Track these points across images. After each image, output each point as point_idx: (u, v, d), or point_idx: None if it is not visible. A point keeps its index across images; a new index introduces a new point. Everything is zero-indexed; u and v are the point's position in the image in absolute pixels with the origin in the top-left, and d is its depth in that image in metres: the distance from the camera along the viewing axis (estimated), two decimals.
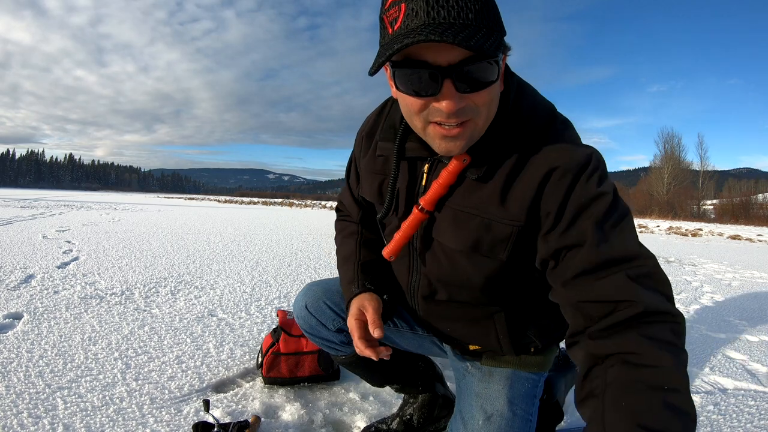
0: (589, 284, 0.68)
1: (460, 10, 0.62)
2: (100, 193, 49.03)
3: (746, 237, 11.73)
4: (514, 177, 0.75)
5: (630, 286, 0.65)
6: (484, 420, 0.90)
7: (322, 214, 15.47)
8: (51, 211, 9.57)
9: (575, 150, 0.74)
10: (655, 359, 0.59)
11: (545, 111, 0.80)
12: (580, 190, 0.71)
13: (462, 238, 0.80)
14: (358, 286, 0.95)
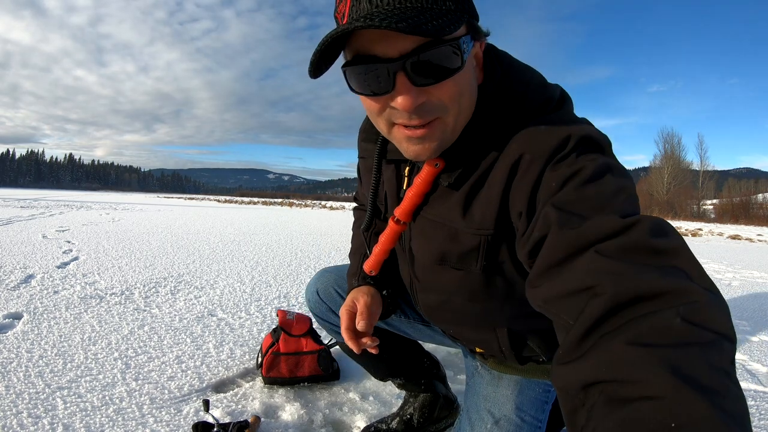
0: (555, 277, 0.48)
1: None
2: (100, 193, 49.05)
3: (746, 237, 11.73)
4: (483, 180, 0.65)
5: (603, 264, 0.44)
6: (492, 424, 0.89)
7: (322, 214, 15.47)
8: (51, 211, 9.57)
9: (551, 130, 0.60)
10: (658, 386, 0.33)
11: (535, 99, 0.67)
12: (550, 175, 0.56)
13: (429, 250, 0.75)
14: (359, 279, 0.95)
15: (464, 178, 0.68)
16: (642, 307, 0.39)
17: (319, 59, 0.55)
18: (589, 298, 0.42)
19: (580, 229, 0.48)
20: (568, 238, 0.48)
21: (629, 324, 0.38)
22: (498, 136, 0.65)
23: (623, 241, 0.45)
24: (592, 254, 0.45)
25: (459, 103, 0.61)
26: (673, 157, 39.40)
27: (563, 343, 0.42)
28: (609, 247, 0.45)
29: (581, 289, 0.44)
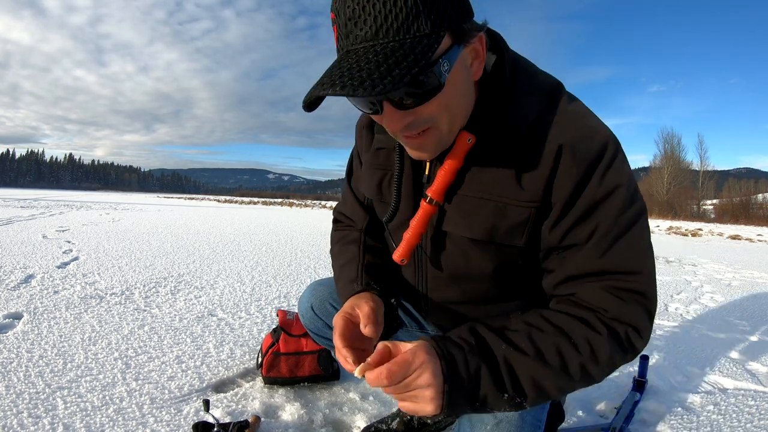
0: (577, 286, 0.70)
1: (382, 22, 0.56)
2: (100, 193, 49.05)
3: (746, 237, 11.73)
4: (526, 155, 0.69)
5: (610, 300, 0.66)
6: (493, 425, 0.89)
7: (322, 214, 15.47)
8: (51, 211, 9.57)
9: (590, 130, 0.68)
10: (598, 339, 0.65)
11: (548, 82, 0.73)
12: (595, 185, 0.66)
13: (477, 226, 0.73)
14: (361, 283, 0.85)
15: (500, 152, 0.70)
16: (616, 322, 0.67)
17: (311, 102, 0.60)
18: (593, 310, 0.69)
19: (608, 264, 0.68)
20: (597, 265, 0.68)
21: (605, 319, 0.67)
22: (524, 117, 0.69)
23: (631, 287, 0.67)
24: (606, 287, 0.67)
25: (448, 112, 0.65)
26: (673, 157, 39.39)
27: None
28: (621, 285, 0.67)
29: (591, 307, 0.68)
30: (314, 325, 1.10)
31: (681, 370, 1.86)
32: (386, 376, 0.59)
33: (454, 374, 0.61)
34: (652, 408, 1.52)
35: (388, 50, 0.56)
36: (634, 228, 0.68)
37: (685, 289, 3.74)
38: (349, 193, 1.02)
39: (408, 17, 0.56)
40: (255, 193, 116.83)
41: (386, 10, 0.55)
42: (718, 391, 1.67)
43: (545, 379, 0.64)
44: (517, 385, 0.63)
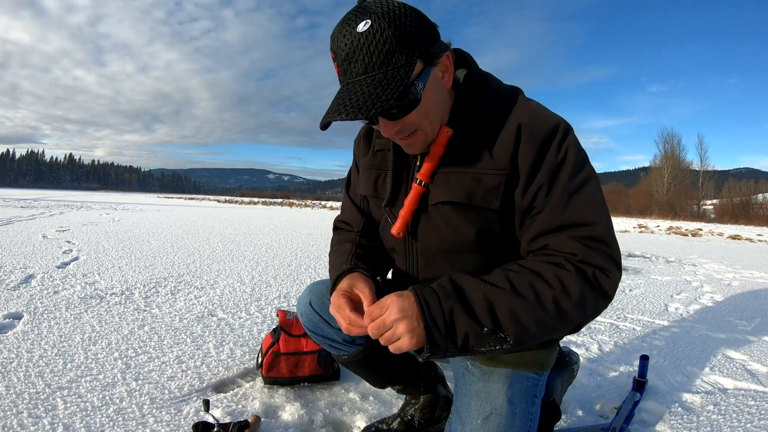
0: (546, 239, 0.81)
1: (369, 60, 0.74)
2: (100, 193, 49.04)
3: (746, 237, 11.73)
4: (494, 136, 0.84)
5: (577, 245, 0.78)
6: (483, 419, 0.90)
7: (322, 214, 15.48)
8: (51, 211, 9.58)
9: (544, 114, 0.84)
10: (567, 275, 0.75)
11: (509, 86, 0.91)
12: (552, 154, 0.81)
13: (458, 191, 0.86)
14: (350, 263, 0.96)
15: (473, 137, 0.86)
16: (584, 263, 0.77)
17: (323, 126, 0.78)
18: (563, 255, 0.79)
19: (568, 218, 0.80)
20: (559, 220, 0.80)
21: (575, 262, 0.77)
22: (491, 110, 0.86)
23: (591, 234, 0.79)
24: (570, 238, 0.79)
25: (428, 118, 0.82)
26: (673, 157, 39.37)
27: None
28: (582, 234, 0.79)
29: (560, 252, 0.80)
30: (312, 322, 1.10)
31: (681, 370, 1.86)
32: (367, 315, 0.77)
33: (430, 316, 0.72)
34: (652, 408, 1.52)
35: (375, 81, 0.74)
36: (587, 186, 0.81)
37: (685, 289, 3.74)
38: (348, 201, 1.15)
39: (387, 54, 0.74)
40: (255, 193, 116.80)
41: (371, 51, 0.73)
42: (718, 391, 1.67)
43: (522, 311, 0.73)
44: (495, 318, 0.73)
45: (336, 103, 0.76)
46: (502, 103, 0.87)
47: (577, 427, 1.39)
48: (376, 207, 1.02)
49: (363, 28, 0.73)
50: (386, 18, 0.74)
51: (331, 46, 0.79)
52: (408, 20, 0.76)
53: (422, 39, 0.76)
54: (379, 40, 0.73)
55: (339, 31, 0.76)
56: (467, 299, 0.74)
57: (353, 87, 0.75)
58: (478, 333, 0.72)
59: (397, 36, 0.74)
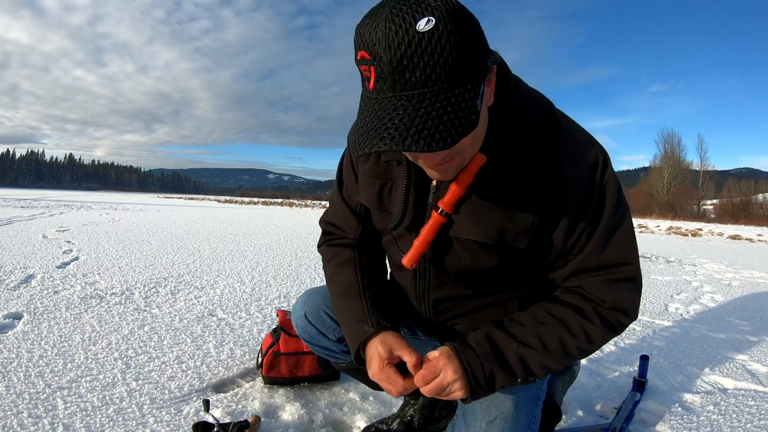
0: (581, 279, 0.82)
1: (432, 71, 0.58)
2: (100, 193, 49.04)
3: (746, 237, 11.73)
4: (530, 168, 0.77)
5: (610, 289, 0.79)
6: (488, 423, 0.89)
7: (322, 214, 15.47)
8: (51, 211, 9.58)
9: (582, 144, 0.79)
10: (592, 328, 0.79)
11: (543, 103, 0.82)
12: (593, 198, 0.77)
13: (487, 230, 0.80)
14: (372, 323, 0.86)
15: (506, 168, 0.78)
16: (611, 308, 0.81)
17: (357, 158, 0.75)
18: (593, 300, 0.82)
19: (604, 260, 0.79)
20: (596, 262, 0.80)
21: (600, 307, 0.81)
22: (527, 133, 0.77)
23: (622, 275, 0.80)
24: (604, 279, 0.80)
25: (474, 142, 0.71)
26: (673, 157, 39.33)
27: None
28: (613, 276, 0.80)
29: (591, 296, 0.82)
30: (308, 334, 1.09)
31: (681, 370, 1.86)
32: (421, 379, 0.78)
33: (474, 378, 0.78)
34: (652, 408, 1.52)
35: (442, 100, 0.59)
36: (623, 225, 0.80)
37: (685, 289, 3.74)
38: (341, 202, 1.02)
39: (454, 65, 0.59)
40: (255, 193, 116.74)
41: (435, 59, 0.58)
42: (718, 391, 1.67)
43: (551, 362, 0.80)
44: (528, 370, 0.80)
45: (384, 125, 0.60)
46: (539, 128, 0.78)
47: (577, 427, 1.39)
48: (381, 219, 0.93)
49: (426, 27, 0.57)
50: (452, 18, 0.58)
51: (361, 43, 0.61)
52: (471, 24, 0.61)
53: (482, 49, 0.63)
54: (445, 46, 0.57)
55: (383, 26, 0.58)
56: (504, 359, 0.79)
57: (407, 103, 0.60)
58: (512, 382, 0.80)
59: (464, 43, 0.59)
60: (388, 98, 0.61)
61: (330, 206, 1.07)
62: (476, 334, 0.81)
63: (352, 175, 0.98)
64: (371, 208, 0.95)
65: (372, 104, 0.63)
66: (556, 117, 0.80)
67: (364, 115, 0.64)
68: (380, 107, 0.61)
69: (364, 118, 0.63)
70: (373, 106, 0.62)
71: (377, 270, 0.99)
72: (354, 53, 0.64)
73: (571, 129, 0.81)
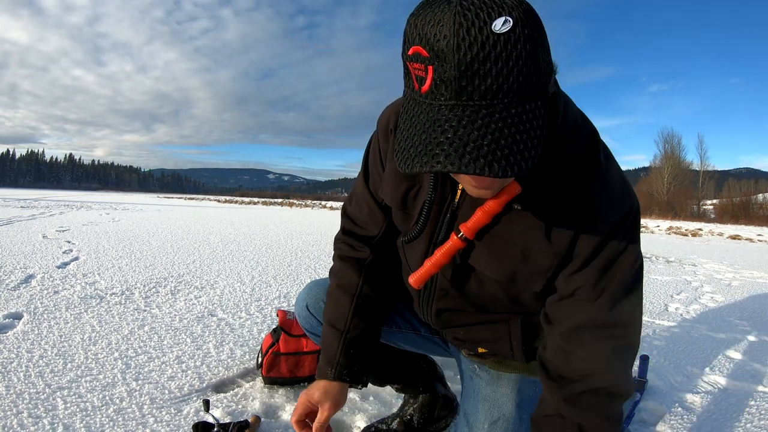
0: (583, 340, 0.74)
1: (504, 80, 0.50)
2: (100, 193, 49.04)
3: (746, 237, 11.73)
4: (560, 209, 0.70)
5: (610, 358, 0.73)
6: (491, 424, 0.89)
7: (322, 214, 15.47)
8: (51, 211, 9.57)
9: (619, 198, 0.72)
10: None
11: (588, 135, 0.73)
12: (614, 246, 0.71)
13: (500, 269, 0.76)
14: (335, 373, 0.92)
15: (536, 202, 0.71)
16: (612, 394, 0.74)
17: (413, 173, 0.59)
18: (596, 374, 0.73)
19: (614, 318, 0.73)
20: (605, 318, 0.73)
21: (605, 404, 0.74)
22: (562, 164, 0.70)
23: (626, 342, 0.75)
24: (611, 345, 0.73)
25: None
26: (673, 157, 39.32)
27: (567, 390, 0.75)
28: (619, 342, 0.74)
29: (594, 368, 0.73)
30: (309, 324, 1.11)
31: (681, 370, 1.86)
32: None
33: None
34: (652, 408, 1.52)
35: (513, 116, 0.52)
36: (638, 283, 0.74)
37: (685, 289, 3.74)
38: (366, 194, 0.94)
39: (528, 76, 0.51)
40: (255, 193, 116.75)
41: (509, 66, 0.50)
42: (718, 391, 1.67)
43: None
44: None
45: (443, 139, 0.51)
46: (580, 161, 0.70)
47: None
48: (401, 220, 0.87)
49: (503, 28, 0.49)
50: (529, 21, 0.51)
51: (418, 37, 0.52)
52: (543, 31, 0.54)
53: (550, 60, 0.56)
54: (521, 53, 0.50)
55: (452, 20, 0.49)
56: None
57: (473, 115, 0.51)
58: None
59: (538, 52, 0.52)
60: (448, 106, 0.52)
61: (354, 197, 0.98)
62: None
63: (380, 166, 0.90)
64: (393, 207, 0.89)
65: (425, 110, 0.54)
66: (598, 152, 0.72)
67: (414, 121, 0.55)
68: (437, 116, 0.53)
69: (414, 125, 0.55)
70: (426, 113, 0.54)
71: (375, 302, 0.96)
72: (403, 47, 0.55)
73: (610, 167, 0.73)
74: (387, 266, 0.97)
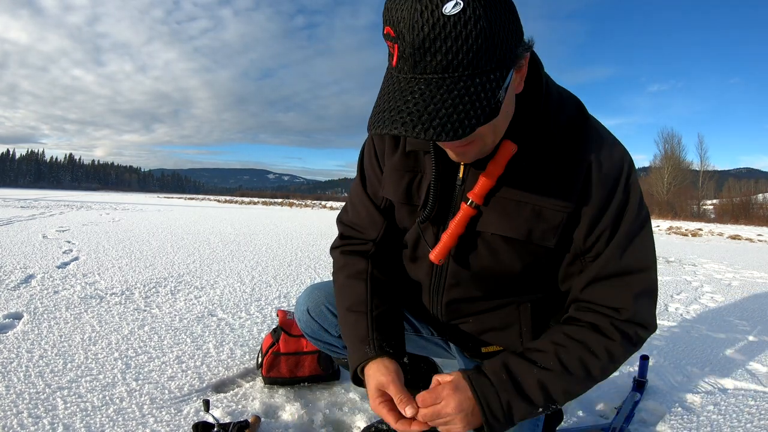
0: (599, 288, 0.78)
1: (455, 56, 0.57)
2: (100, 193, 49.05)
3: (746, 237, 11.73)
4: (561, 163, 0.76)
5: (630, 298, 0.76)
6: None
7: (322, 214, 15.48)
8: (51, 211, 9.57)
9: (612, 145, 0.78)
10: (613, 345, 0.76)
11: (575, 104, 0.80)
12: (619, 197, 0.76)
13: (516, 227, 0.78)
14: (374, 347, 0.84)
15: (537, 161, 0.76)
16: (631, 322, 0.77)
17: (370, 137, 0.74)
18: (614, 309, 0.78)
19: (626, 265, 0.77)
20: (618, 267, 0.77)
21: (620, 322, 0.77)
22: (557, 127, 0.77)
23: (644, 286, 0.78)
24: (628, 288, 0.76)
25: (495, 130, 0.71)
26: (673, 157, 39.31)
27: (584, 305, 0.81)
28: (637, 286, 0.77)
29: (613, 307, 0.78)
30: (310, 329, 1.10)
31: (681, 370, 1.86)
32: (420, 401, 0.74)
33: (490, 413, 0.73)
34: (652, 408, 1.52)
35: (461, 88, 0.58)
36: (645, 229, 0.78)
37: (685, 289, 3.74)
38: (364, 198, 0.96)
39: (479, 52, 0.58)
40: (255, 193, 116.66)
41: (459, 44, 0.57)
42: (718, 391, 1.67)
43: (573, 387, 0.76)
44: (549, 398, 0.75)
45: (398, 107, 0.59)
46: (570, 123, 0.77)
47: (577, 427, 1.39)
48: (406, 215, 0.90)
49: (453, 10, 0.56)
50: (482, 3, 0.57)
51: (389, 19, 0.60)
52: (504, 9, 0.59)
53: (514, 36, 0.61)
54: (471, 32, 0.56)
55: (410, 4, 0.57)
56: (523, 388, 0.74)
57: (426, 87, 0.59)
58: (533, 412, 0.75)
59: (493, 31, 0.57)
60: (407, 78, 0.61)
61: (350, 205, 1.01)
62: (492, 362, 0.77)
63: (377, 168, 0.94)
64: (397, 204, 0.91)
65: (393, 82, 0.63)
66: (587, 116, 0.80)
67: (385, 91, 0.64)
68: (399, 87, 0.61)
69: (384, 94, 0.63)
70: (393, 84, 0.62)
71: (389, 286, 0.95)
72: (382, 26, 0.63)
73: (600, 128, 0.80)
74: (390, 259, 0.97)
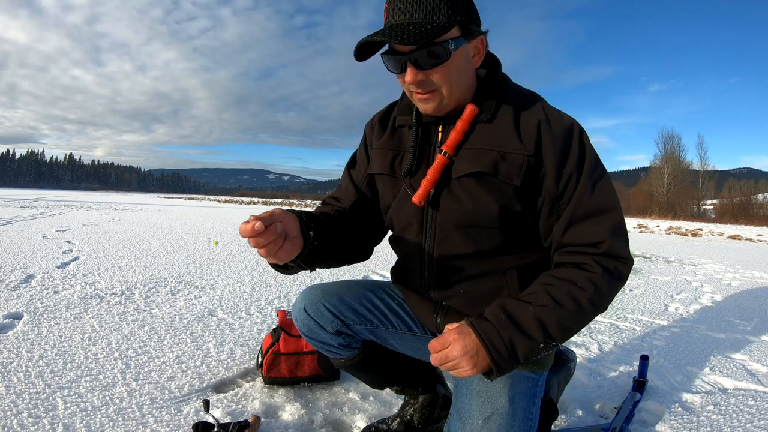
0: (577, 229, 0.89)
1: (419, 10, 0.83)
2: (100, 193, 49.03)
3: (746, 237, 11.73)
4: (517, 124, 0.92)
5: (605, 232, 0.87)
6: (484, 419, 0.90)
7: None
8: (51, 211, 9.58)
9: (560, 114, 0.93)
10: (595, 276, 0.85)
11: (529, 91, 0.98)
12: (576, 147, 0.90)
13: (484, 164, 0.91)
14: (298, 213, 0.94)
15: (497, 118, 0.92)
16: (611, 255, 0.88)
17: (361, 49, 0.86)
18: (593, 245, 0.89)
19: (596, 205, 0.89)
20: (589, 207, 0.89)
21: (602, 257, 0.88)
22: (513, 101, 0.93)
23: (615, 222, 0.89)
24: (602, 225, 0.88)
25: (449, 81, 0.87)
26: (673, 157, 39.29)
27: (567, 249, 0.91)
28: (609, 222, 0.89)
29: (591, 243, 0.88)
30: (307, 327, 1.10)
31: (681, 370, 1.86)
32: (430, 347, 0.82)
33: (494, 350, 0.80)
34: (652, 408, 1.52)
35: (417, 26, 0.82)
36: (606, 176, 0.91)
37: (685, 289, 3.74)
38: (347, 179, 1.15)
39: (433, 10, 0.82)
40: (255, 193, 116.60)
41: (420, 5, 0.82)
42: (718, 391, 1.67)
43: (567, 319, 0.83)
44: (546, 332, 0.82)
45: (381, 32, 0.83)
46: (524, 99, 0.94)
47: (577, 427, 1.39)
48: (391, 186, 1.03)
49: None
50: None
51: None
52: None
53: (464, 13, 0.85)
54: None
55: None
56: (521, 325, 0.82)
57: (399, 28, 0.83)
58: (534, 348, 0.82)
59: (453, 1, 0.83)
60: (388, 26, 0.84)
61: (337, 187, 1.19)
62: (491, 307, 0.86)
63: (364, 156, 1.12)
64: (382, 177, 1.05)
65: (385, 25, 0.85)
66: (541, 97, 0.96)
67: (380, 29, 0.85)
68: (383, 29, 0.84)
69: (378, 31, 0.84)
70: (378, 30, 0.84)
71: (338, 223, 1.03)
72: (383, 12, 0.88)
73: (553, 108, 0.95)
74: (353, 221, 1.08)
